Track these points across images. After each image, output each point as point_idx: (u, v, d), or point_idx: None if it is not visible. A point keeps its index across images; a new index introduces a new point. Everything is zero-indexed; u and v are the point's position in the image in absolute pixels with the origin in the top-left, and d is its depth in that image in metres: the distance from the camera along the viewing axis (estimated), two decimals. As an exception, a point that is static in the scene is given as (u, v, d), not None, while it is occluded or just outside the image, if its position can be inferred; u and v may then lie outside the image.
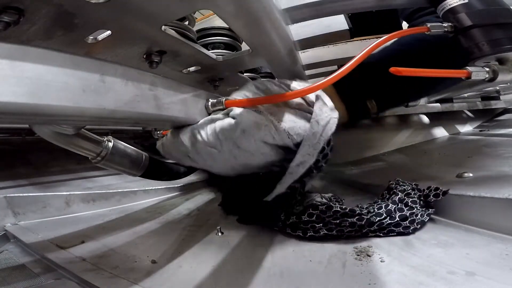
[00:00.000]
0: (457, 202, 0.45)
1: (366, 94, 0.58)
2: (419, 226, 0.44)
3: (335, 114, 0.47)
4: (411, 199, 0.47)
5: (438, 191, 0.46)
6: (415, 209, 0.45)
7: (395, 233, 0.44)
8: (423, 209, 0.46)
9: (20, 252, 0.52)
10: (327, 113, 0.45)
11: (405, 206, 0.46)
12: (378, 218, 0.44)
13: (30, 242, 0.52)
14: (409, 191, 0.49)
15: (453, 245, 0.39)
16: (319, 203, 0.48)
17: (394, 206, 0.46)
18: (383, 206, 0.46)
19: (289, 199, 0.51)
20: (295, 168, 0.45)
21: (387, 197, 0.51)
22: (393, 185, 0.53)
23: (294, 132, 0.42)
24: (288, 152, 0.44)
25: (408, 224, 0.43)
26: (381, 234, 0.44)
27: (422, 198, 0.48)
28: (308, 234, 0.46)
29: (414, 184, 0.52)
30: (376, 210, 0.46)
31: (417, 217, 0.44)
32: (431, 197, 0.46)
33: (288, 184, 0.46)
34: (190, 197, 0.86)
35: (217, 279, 0.37)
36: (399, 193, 0.48)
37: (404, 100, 0.74)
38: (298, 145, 0.43)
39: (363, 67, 0.41)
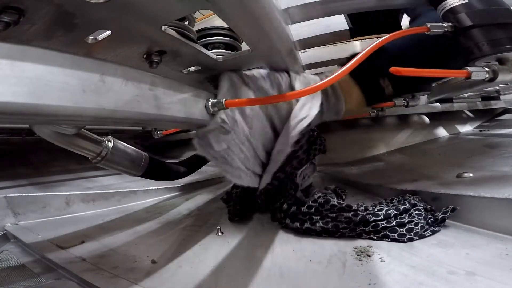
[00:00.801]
0: (457, 202, 0.45)
1: (378, 73, 0.57)
2: (416, 237, 0.42)
3: (313, 112, 0.49)
4: (416, 211, 0.46)
5: (447, 209, 0.45)
6: (416, 219, 0.44)
7: (389, 239, 0.43)
8: (428, 224, 0.44)
9: (20, 252, 0.52)
10: (305, 111, 0.49)
11: (408, 216, 0.45)
12: (374, 218, 0.44)
13: (30, 242, 0.52)
14: (420, 207, 0.47)
15: (453, 245, 0.39)
16: (319, 196, 0.50)
17: (396, 212, 0.45)
18: (384, 209, 0.46)
19: (281, 192, 0.54)
20: (276, 155, 0.49)
21: (395, 203, 0.51)
22: (408, 197, 0.52)
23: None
24: None
25: (404, 232, 0.43)
26: (375, 238, 0.44)
27: (430, 216, 0.46)
28: (305, 225, 0.47)
29: (429, 207, 0.49)
30: (375, 210, 0.46)
31: (417, 227, 0.43)
32: (440, 214, 0.45)
33: (272, 171, 0.50)
34: (190, 197, 0.86)
35: (217, 279, 0.37)
36: (408, 204, 0.47)
37: (417, 84, 0.72)
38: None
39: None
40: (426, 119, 1.19)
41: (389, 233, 0.43)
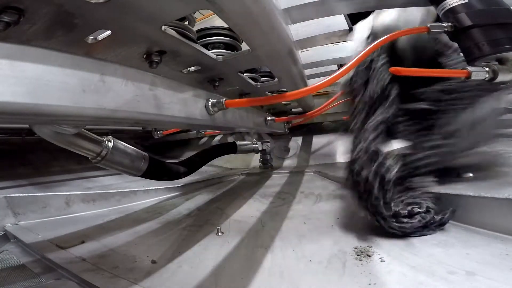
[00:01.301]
0: (457, 202, 0.45)
1: None
2: (417, 234, 0.43)
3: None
4: (422, 211, 0.45)
5: (446, 211, 0.45)
6: (420, 216, 0.44)
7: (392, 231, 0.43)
8: (430, 225, 0.44)
9: (20, 252, 0.52)
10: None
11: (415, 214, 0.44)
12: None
13: (30, 242, 0.52)
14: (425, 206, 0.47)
15: (453, 245, 0.39)
16: None
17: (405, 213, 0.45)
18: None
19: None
20: None
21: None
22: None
23: None
24: None
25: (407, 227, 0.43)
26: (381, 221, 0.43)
27: (432, 216, 0.46)
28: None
29: (432, 206, 0.48)
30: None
31: (419, 224, 0.43)
32: (440, 216, 0.44)
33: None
34: (190, 197, 0.86)
35: (217, 279, 0.37)
36: (413, 202, 0.47)
37: None
38: None
39: None
40: (426, 119, 1.18)
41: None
